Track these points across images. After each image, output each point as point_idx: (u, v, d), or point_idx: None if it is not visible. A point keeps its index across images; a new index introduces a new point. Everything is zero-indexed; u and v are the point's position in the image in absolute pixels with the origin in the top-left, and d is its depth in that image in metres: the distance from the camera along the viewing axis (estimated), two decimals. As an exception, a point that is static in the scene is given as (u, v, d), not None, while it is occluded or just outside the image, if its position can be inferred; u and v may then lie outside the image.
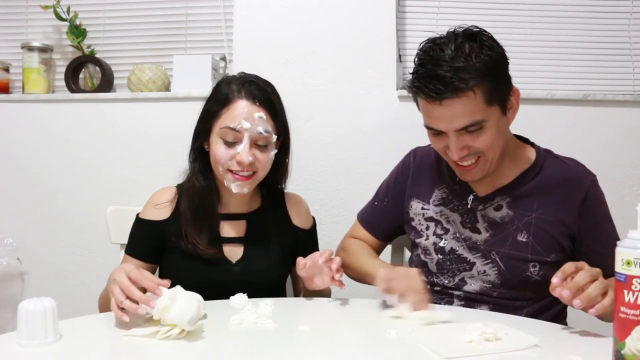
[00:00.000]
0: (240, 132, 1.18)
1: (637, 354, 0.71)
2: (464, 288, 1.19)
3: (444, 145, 1.12)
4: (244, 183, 1.21)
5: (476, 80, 1.03)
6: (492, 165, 1.14)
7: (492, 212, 1.18)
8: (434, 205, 1.25)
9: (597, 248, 1.14)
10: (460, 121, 1.06)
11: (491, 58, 1.05)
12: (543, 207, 1.16)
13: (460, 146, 1.09)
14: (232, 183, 1.21)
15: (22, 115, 1.97)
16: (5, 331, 0.95)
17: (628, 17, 1.94)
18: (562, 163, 1.21)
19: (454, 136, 1.08)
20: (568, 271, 0.90)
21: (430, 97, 1.06)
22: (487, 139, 1.08)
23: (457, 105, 1.04)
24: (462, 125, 1.06)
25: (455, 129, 1.07)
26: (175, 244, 1.23)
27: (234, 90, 1.22)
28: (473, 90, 1.03)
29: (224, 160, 1.20)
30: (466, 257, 1.19)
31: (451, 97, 1.03)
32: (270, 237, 1.29)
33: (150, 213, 1.28)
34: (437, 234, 1.23)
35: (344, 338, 0.95)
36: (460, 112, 1.05)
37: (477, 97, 1.04)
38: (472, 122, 1.06)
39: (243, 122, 1.18)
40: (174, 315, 0.90)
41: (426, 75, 1.05)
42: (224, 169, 1.21)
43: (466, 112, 1.05)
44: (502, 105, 1.10)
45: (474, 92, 1.03)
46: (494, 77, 1.06)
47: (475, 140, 1.09)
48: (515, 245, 1.15)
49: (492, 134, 1.08)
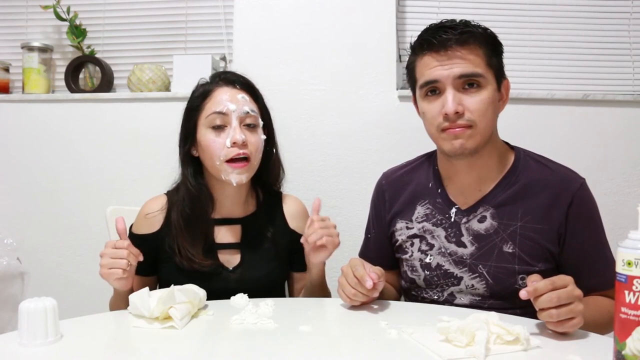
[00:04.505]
0: (227, 115, 1.19)
1: (637, 355, 0.71)
2: (454, 302, 1.17)
3: (439, 107, 1.10)
4: (242, 170, 1.20)
5: (479, 40, 1.10)
6: (482, 140, 1.11)
7: (477, 225, 1.16)
8: (417, 222, 1.23)
9: (582, 255, 1.11)
10: (462, 68, 1.08)
11: (491, 33, 1.14)
12: (528, 215, 1.13)
13: (456, 101, 1.08)
14: (231, 174, 1.20)
15: (22, 115, 1.97)
16: (6, 331, 0.96)
17: (628, 17, 1.94)
18: (545, 168, 1.17)
19: (451, 90, 1.08)
20: (540, 291, 0.88)
21: (436, 48, 1.10)
22: (481, 100, 1.09)
23: (462, 52, 1.08)
24: (463, 72, 1.08)
25: (456, 76, 1.08)
26: (170, 256, 1.22)
27: (211, 83, 1.25)
28: (477, 44, 1.10)
29: (218, 150, 1.18)
30: (453, 272, 1.17)
31: (457, 45, 1.08)
32: (267, 242, 1.28)
33: (142, 227, 1.27)
34: (422, 250, 1.21)
35: (344, 338, 0.95)
36: (463, 59, 1.08)
37: (478, 53, 1.10)
38: (472, 72, 1.08)
39: (228, 104, 1.20)
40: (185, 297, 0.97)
41: (434, 28, 1.12)
42: (221, 162, 1.19)
43: (468, 62, 1.08)
44: (498, 79, 1.13)
45: (477, 47, 1.10)
46: (493, 48, 1.13)
47: (470, 99, 1.09)
48: (501, 257, 1.13)
49: (486, 99, 1.09)
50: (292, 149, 1.71)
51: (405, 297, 1.31)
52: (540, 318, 0.90)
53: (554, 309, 0.87)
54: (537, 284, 0.89)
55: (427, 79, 1.11)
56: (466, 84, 1.09)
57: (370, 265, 1.08)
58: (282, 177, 1.36)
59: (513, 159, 1.19)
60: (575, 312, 0.88)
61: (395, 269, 1.31)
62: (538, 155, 1.21)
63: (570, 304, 0.88)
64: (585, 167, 1.28)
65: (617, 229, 1.68)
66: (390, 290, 1.30)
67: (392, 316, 1.05)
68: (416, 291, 1.24)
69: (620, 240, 0.75)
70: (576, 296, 0.89)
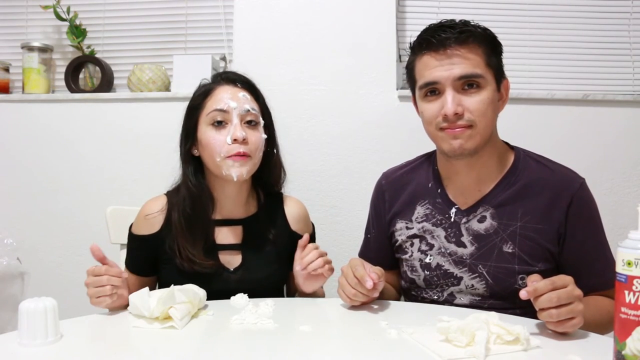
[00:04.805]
0: (228, 112, 1.20)
1: (637, 355, 0.71)
2: (454, 302, 1.17)
3: (438, 108, 1.10)
4: (243, 162, 1.19)
5: (478, 40, 1.10)
6: (481, 141, 1.11)
7: (476, 225, 1.16)
8: (417, 222, 1.23)
9: (581, 255, 1.11)
10: (462, 68, 1.08)
11: (490, 33, 1.14)
12: (528, 215, 1.13)
13: (455, 102, 1.08)
14: (231, 167, 1.19)
15: (22, 115, 1.97)
16: (6, 331, 0.96)
17: (628, 17, 1.94)
18: (545, 168, 1.17)
19: (451, 91, 1.08)
20: (540, 291, 0.88)
21: (435, 48, 1.09)
22: (481, 100, 1.08)
23: (461, 51, 1.08)
24: (462, 73, 1.07)
25: (455, 77, 1.08)
26: (170, 257, 1.22)
27: (213, 82, 1.26)
28: (476, 44, 1.09)
29: (219, 147, 1.18)
30: (453, 272, 1.17)
31: (456, 44, 1.08)
32: (268, 243, 1.27)
33: (141, 227, 1.26)
34: (422, 250, 1.21)
35: (344, 338, 0.95)
36: (462, 60, 1.08)
37: (478, 52, 1.09)
38: (472, 72, 1.08)
39: (229, 102, 1.20)
40: (185, 297, 0.97)
41: (433, 28, 1.12)
42: (221, 158, 1.19)
43: (468, 62, 1.08)
44: (497, 79, 1.13)
45: (477, 46, 1.09)
46: (492, 48, 1.13)
47: (470, 100, 1.08)
48: (501, 257, 1.13)
49: (486, 99, 1.09)
50: (292, 149, 1.71)
51: (405, 297, 1.31)
52: (540, 318, 0.90)
53: (554, 309, 0.87)
54: (537, 284, 0.89)
55: (427, 81, 1.11)
56: (466, 84, 1.09)
57: (370, 266, 1.08)
58: (283, 178, 1.35)
59: (513, 159, 1.19)
60: (575, 312, 0.88)
61: (395, 269, 1.31)
62: (538, 155, 1.21)
63: (570, 304, 0.88)
64: (585, 167, 1.29)
65: (617, 229, 1.68)
66: (390, 291, 1.30)
67: (392, 316, 1.05)
68: (416, 291, 1.24)
69: (620, 240, 0.75)
70: (576, 296, 0.89)
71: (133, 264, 1.28)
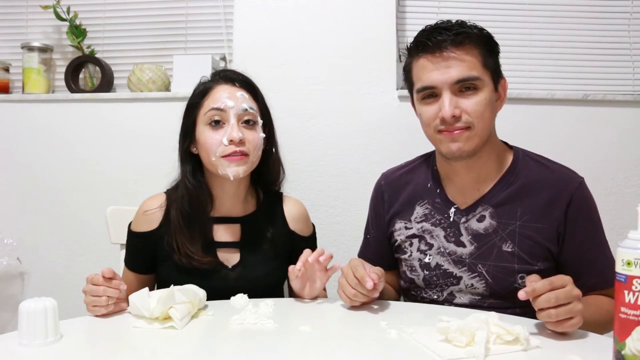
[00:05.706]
0: (225, 111, 1.20)
1: (637, 355, 0.71)
2: (454, 302, 1.17)
3: (436, 110, 1.10)
4: (239, 162, 1.19)
5: (475, 41, 1.09)
6: (480, 142, 1.11)
7: (476, 224, 1.16)
8: (416, 222, 1.23)
9: (581, 254, 1.12)
10: (458, 71, 1.07)
11: (486, 33, 1.13)
12: (527, 214, 1.13)
13: (453, 105, 1.08)
14: (227, 168, 1.19)
15: (22, 115, 1.97)
16: (6, 331, 0.96)
17: (628, 17, 1.94)
18: (544, 167, 1.17)
19: (448, 94, 1.08)
20: (539, 292, 0.88)
21: (431, 50, 1.09)
22: (479, 102, 1.08)
23: (457, 53, 1.08)
24: (459, 76, 1.07)
25: (452, 81, 1.07)
26: (169, 254, 1.22)
27: (211, 80, 1.26)
28: (472, 45, 1.08)
29: (215, 146, 1.18)
30: (452, 272, 1.17)
31: (452, 47, 1.07)
32: (266, 242, 1.27)
33: (140, 224, 1.26)
34: (421, 250, 1.21)
35: (344, 338, 0.95)
36: (458, 63, 1.08)
37: (474, 54, 1.09)
38: (469, 75, 1.07)
39: (227, 101, 1.20)
40: (184, 297, 0.97)
41: (429, 30, 1.11)
42: (217, 158, 1.19)
43: (464, 64, 1.08)
44: (494, 80, 1.12)
45: (473, 47, 1.09)
46: (489, 48, 1.12)
47: (467, 102, 1.08)
48: (501, 256, 1.13)
49: (483, 100, 1.09)
50: (292, 149, 1.71)
51: (404, 297, 1.31)
52: (539, 318, 0.90)
53: (553, 309, 0.87)
54: (536, 284, 0.89)
55: (424, 85, 1.11)
56: (463, 87, 1.09)
57: (370, 266, 1.08)
58: (282, 177, 1.35)
59: (512, 159, 1.19)
60: (574, 312, 0.88)
61: (395, 269, 1.31)
62: (537, 155, 1.21)
63: (569, 303, 0.88)
64: (585, 167, 1.28)
65: (617, 229, 1.68)
66: (390, 291, 1.30)
67: (392, 316, 1.05)
68: (415, 291, 1.24)
69: (620, 240, 0.75)
70: (575, 296, 0.89)
71: (132, 261, 1.28)
